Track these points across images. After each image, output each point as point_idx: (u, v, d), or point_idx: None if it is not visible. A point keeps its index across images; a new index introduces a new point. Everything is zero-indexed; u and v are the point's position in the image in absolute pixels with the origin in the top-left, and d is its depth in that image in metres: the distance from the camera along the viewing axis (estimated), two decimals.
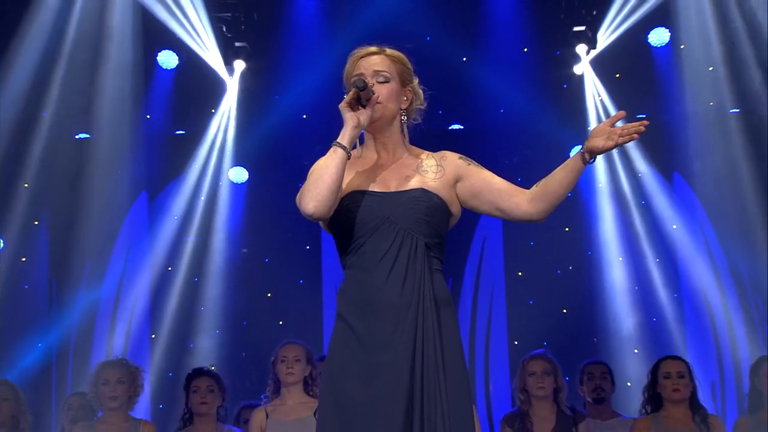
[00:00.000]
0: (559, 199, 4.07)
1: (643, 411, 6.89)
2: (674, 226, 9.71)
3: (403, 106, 4.19)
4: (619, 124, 3.98)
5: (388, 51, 4.20)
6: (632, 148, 10.21)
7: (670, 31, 9.31)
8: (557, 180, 4.02)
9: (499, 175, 4.23)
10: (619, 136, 3.95)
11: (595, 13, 9.26)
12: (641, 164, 9.84)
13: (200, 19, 9.16)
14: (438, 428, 3.97)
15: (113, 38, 9.35)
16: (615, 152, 9.40)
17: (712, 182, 9.84)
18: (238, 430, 7.12)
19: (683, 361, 6.82)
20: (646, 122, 3.95)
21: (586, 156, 3.98)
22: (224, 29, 9.32)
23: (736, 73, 9.32)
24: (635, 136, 3.98)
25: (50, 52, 9.09)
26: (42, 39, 9.02)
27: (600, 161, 9.17)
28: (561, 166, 3.99)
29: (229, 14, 9.32)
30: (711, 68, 9.25)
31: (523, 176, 7.48)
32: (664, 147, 9.79)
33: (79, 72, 9.24)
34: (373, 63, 4.16)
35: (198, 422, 6.98)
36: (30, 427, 6.86)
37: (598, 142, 4.00)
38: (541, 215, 4.09)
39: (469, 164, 4.21)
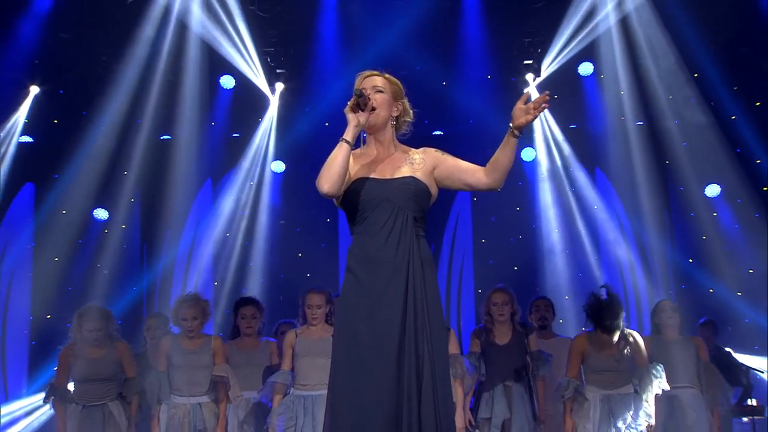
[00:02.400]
0: (506, 168, 4.02)
1: (582, 330, 6.51)
2: (595, 207, 9.76)
3: (394, 115, 4.11)
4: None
5: (386, 74, 4.17)
6: (566, 149, 10.06)
7: (593, 65, 9.39)
8: (501, 155, 3.96)
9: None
10: (534, 109, 3.86)
11: (539, 50, 9.31)
12: (572, 162, 9.79)
13: (251, 53, 9.25)
14: (424, 350, 3.92)
15: (189, 66, 9.23)
16: (555, 152, 10.08)
17: (622, 175, 9.86)
18: (274, 340, 7.06)
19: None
20: (547, 94, 3.88)
21: (516, 132, 3.91)
22: (269, 60, 9.42)
23: (641, 96, 9.37)
24: (545, 105, 3.86)
25: (144, 76, 9.11)
26: (138, 66, 8.98)
27: (543, 159, 10.00)
28: (501, 145, 3.96)
29: (273, 49, 9.34)
30: (622, 92, 9.31)
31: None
32: (589, 149, 9.83)
33: (165, 90, 9.22)
34: (373, 81, 4.12)
35: (244, 336, 6.89)
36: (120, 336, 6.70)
37: (521, 119, 3.88)
38: (497, 183, 4.04)
39: (443, 154, 4.15)
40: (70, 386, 6.53)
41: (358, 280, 3.91)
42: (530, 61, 9.34)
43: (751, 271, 8.82)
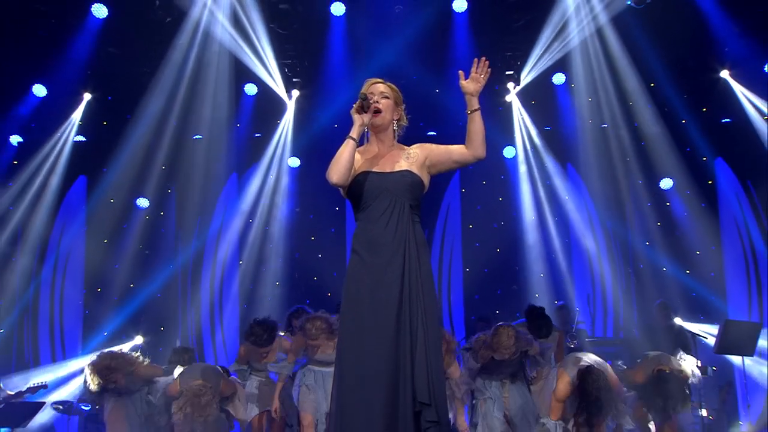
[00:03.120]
0: (479, 137, 3.99)
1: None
2: (566, 197, 9.93)
3: (395, 118, 4.09)
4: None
5: (389, 83, 4.16)
6: (541, 148, 10.16)
7: (565, 75, 9.62)
8: (471, 128, 3.97)
9: None
10: (479, 76, 3.96)
11: (519, 63, 9.59)
12: (547, 159, 9.97)
13: (271, 64, 9.46)
14: (419, 319, 3.88)
15: (217, 75, 9.41)
16: (529, 150, 10.11)
17: (591, 170, 9.93)
18: (286, 337, 6.57)
19: None
20: (485, 60, 3.96)
21: (473, 103, 3.96)
22: (286, 70, 9.67)
23: (605, 102, 9.47)
24: (487, 71, 3.94)
25: (178, 84, 9.27)
26: (173, 76, 9.18)
27: (521, 156, 10.08)
28: (468, 123, 3.97)
29: (290, 61, 9.60)
30: (590, 99, 9.49)
31: None
32: (561, 147, 10.01)
33: (195, 96, 9.43)
34: (379, 87, 4.12)
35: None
36: None
37: (471, 89, 3.95)
38: (478, 150, 4.00)
39: (434, 144, 4.16)
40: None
41: (363, 259, 3.89)
42: (511, 72, 9.62)
43: (698, 252, 9.20)
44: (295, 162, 9.89)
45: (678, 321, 8.10)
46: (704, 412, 7.16)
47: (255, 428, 6.30)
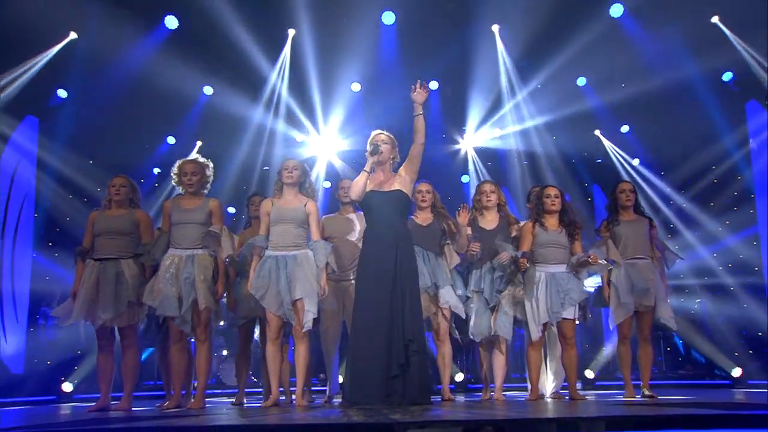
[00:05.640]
0: (420, 131, 4.12)
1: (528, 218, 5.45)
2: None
3: (392, 156, 4.35)
4: None
5: (388, 134, 4.32)
6: (484, 172, 9.76)
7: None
8: (416, 127, 4.10)
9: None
10: (423, 91, 4.08)
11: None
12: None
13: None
14: (406, 286, 4.01)
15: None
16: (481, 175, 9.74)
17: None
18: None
19: (556, 187, 5.30)
20: (424, 82, 4.11)
21: (418, 109, 4.08)
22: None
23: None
24: (427, 90, 4.09)
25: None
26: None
27: (473, 182, 9.57)
28: (414, 122, 4.08)
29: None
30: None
31: None
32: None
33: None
34: (382, 137, 4.35)
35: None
36: (141, 204, 5.17)
37: (419, 99, 4.07)
38: (419, 139, 4.16)
39: (404, 162, 4.34)
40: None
41: (370, 250, 4.26)
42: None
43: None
44: (326, 184, 10.02)
45: None
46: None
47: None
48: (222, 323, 7.07)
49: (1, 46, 7.23)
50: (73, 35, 7.76)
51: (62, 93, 8.33)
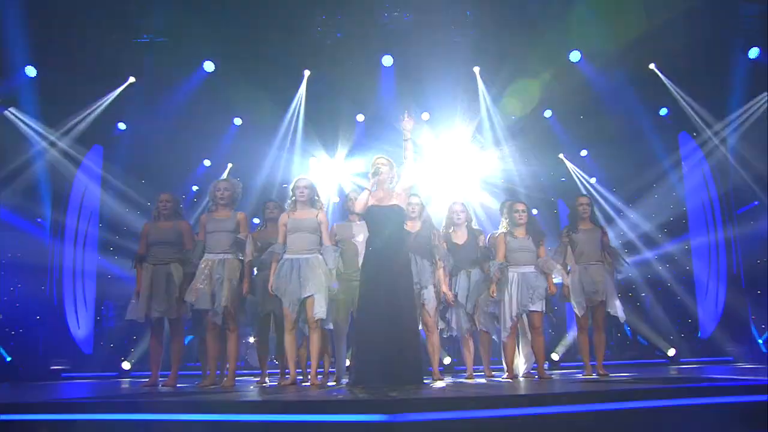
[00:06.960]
0: (411, 155, 4.04)
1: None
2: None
3: (391, 176, 4.24)
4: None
5: (388, 158, 4.24)
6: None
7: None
8: (404, 148, 4.06)
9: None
10: (411, 120, 4.02)
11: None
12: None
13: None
14: (401, 278, 3.93)
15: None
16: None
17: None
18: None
19: (524, 203, 5.23)
20: (411, 113, 4.05)
21: (406, 135, 4.05)
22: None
23: None
24: (413, 120, 4.07)
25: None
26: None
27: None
28: (403, 147, 4.02)
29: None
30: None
31: None
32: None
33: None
34: (382, 160, 4.27)
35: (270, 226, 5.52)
36: (184, 215, 5.36)
37: (408, 127, 4.04)
38: (409, 161, 4.06)
39: (400, 180, 4.27)
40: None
41: (372, 255, 4.17)
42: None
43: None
44: (336, 199, 9.98)
45: None
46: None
47: None
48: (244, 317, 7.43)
49: (75, 90, 7.45)
50: (132, 79, 8.07)
51: (122, 125, 8.74)
